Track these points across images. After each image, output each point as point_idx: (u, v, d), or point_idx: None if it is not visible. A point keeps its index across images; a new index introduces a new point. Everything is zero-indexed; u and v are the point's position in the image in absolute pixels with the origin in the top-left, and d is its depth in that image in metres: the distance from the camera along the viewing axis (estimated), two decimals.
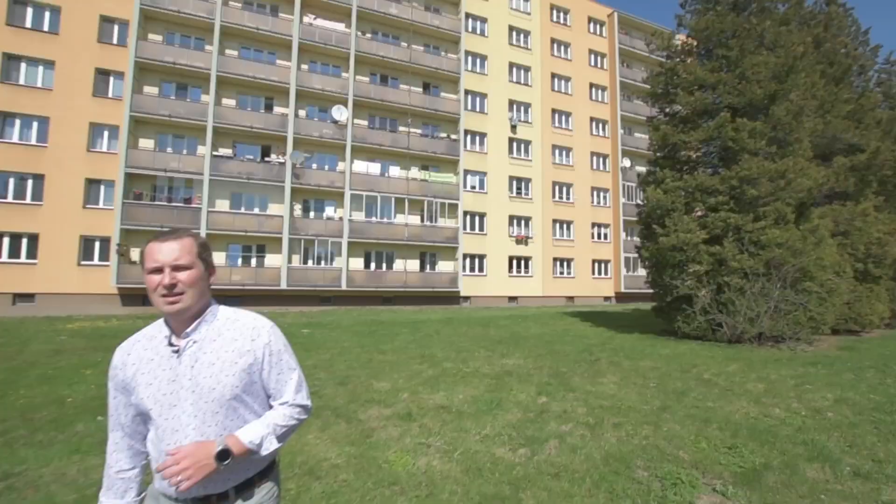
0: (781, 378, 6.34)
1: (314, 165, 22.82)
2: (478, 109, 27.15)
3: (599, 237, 30.02)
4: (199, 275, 1.29)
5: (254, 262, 21.30)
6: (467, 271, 25.39)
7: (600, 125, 31.05)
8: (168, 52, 20.40)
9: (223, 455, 1.21)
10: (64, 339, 10.34)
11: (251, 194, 21.55)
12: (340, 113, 22.75)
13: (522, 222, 27.58)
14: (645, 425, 4.11)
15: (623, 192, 29.72)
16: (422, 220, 24.31)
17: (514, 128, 27.74)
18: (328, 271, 21.83)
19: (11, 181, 18.41)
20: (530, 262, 27.37)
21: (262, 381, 1.34)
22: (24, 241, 18.40)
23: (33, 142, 18.75)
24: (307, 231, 21.87)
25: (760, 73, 10.32)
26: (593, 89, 31.06)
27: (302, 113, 22.73)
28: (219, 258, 20.54)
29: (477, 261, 26.06)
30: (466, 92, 26.62)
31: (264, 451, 1.28)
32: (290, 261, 21.37)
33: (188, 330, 1.29)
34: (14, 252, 18.32)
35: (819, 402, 5.10)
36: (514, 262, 27.01)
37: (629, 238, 28.72)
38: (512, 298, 26.56)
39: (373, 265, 23.46)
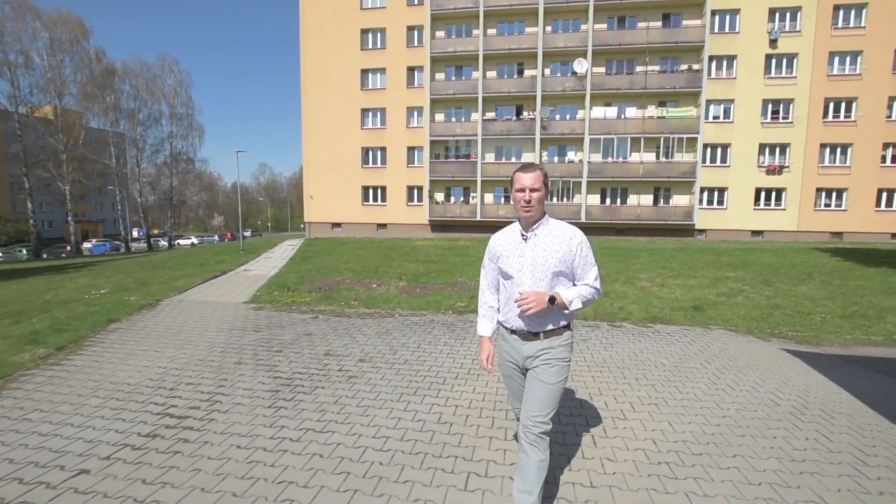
0: None
1: (557, 117, 27.00)
2: (726, 29, 25.53)
3: (894, 160, 24.86)
4: (543, 195, 1.96)
5: None
6: (704, 204, 25.97)
7: None
8: (449, 43, 27.28)
9: (552, 299, 1.91)
10: (430, 251, 18.28)
11: (510, 147, 27.62)
12: (581, 65, 25.80)
13: (777, 150, 25.55)
14: (807, 301, 7.32)
15: None
16: (657, 157, 25.93)
17: (773, 42, 24.99)
18: (569, 206, 26.53)
19: (370, 153, 29.32)
20: (783, 194, 25.55)
21: (573, 267, 2.00)
22: (379, 191, 29.40)
23: (378, 126, 29.02)
24: (552, 173, 26.72)
25: None
26: None
27: (547, 71, 26.81)
28: (489, 198, 27.86)
29: (716, 193, 26.14)
30: (713, 12, 25.29)
31: (572, 308, 1.94)
32: None
33: (533, 227, 2.02)
34: (374, 197, 29.58)
35: None
36: (762, 193, 25.76)
37: None
38: (756, 232, 25.83)
39: (608, 200, 26.92)
